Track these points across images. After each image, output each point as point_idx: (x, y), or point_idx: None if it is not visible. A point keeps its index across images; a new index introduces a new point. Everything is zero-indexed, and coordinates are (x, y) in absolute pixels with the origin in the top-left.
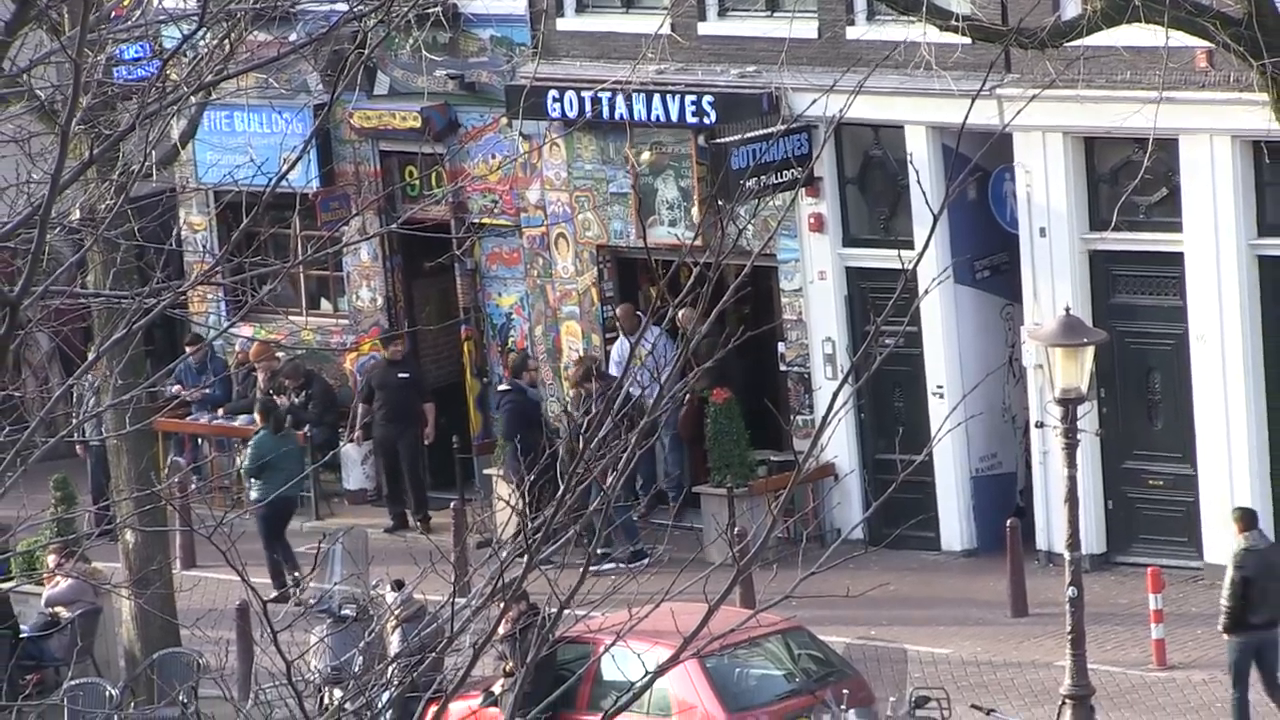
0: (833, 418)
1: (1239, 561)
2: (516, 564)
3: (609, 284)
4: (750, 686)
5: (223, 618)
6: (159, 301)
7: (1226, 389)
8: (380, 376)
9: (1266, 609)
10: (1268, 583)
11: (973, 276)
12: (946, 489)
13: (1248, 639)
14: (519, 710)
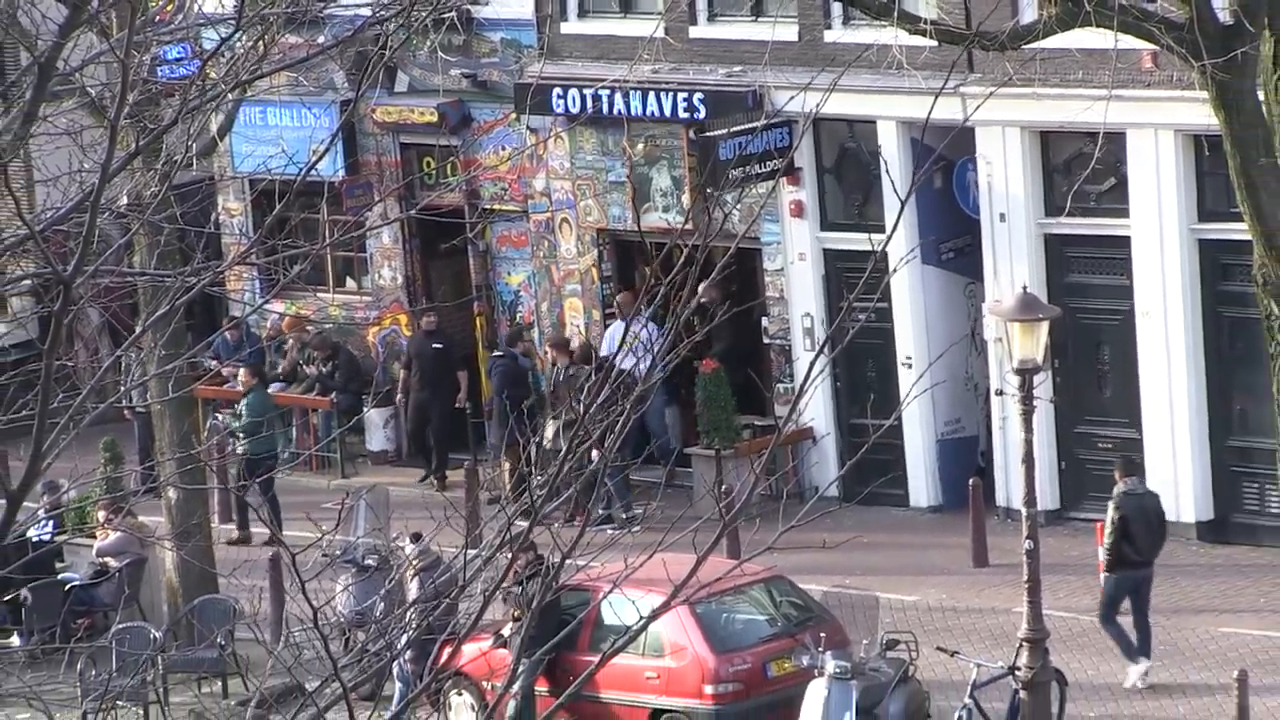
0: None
1: (1118, 504)
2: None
3: (608, 264)
4: (736, 630)
5: (256, 568)
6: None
7: (1169, 360)
8: (416, 346)
9: (1142, 548)
10: (1142, 523)
11: (938, 257)
12: (914, 451)
13: (1125, 575)
14: (525, 651)
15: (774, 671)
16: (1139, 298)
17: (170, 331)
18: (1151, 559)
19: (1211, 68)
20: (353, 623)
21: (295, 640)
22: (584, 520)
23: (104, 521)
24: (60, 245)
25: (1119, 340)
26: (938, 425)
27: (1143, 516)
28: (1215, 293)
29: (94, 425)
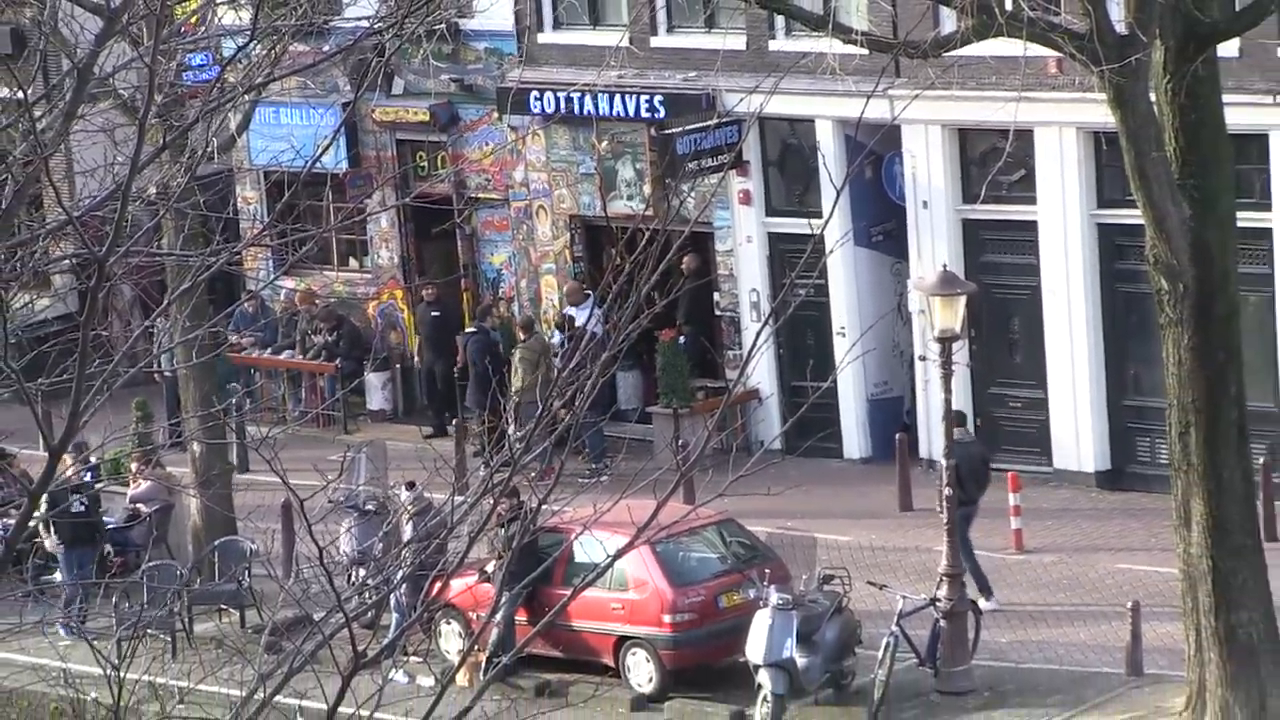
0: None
1: (953, 454)
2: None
3: (579, 246)
4: (691, 567)
5: (269, 513)
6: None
7: (1071, 330)
8: (420, 314)
9: (969, 488)
10: (968, 468)
11: (869, 240)
12: (847, 409)
13: (964, 514)
14: (506, 585)
15: (724, 603)
16: (1045, 275)
17: (194, 304)
18: (976, 499)
19: (1109, 73)
20: (354, 561)
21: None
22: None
23: (136, 472)
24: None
25: (1027, 312)
26: (868, 387)
27: (969, 463)
28: (1113, 271)
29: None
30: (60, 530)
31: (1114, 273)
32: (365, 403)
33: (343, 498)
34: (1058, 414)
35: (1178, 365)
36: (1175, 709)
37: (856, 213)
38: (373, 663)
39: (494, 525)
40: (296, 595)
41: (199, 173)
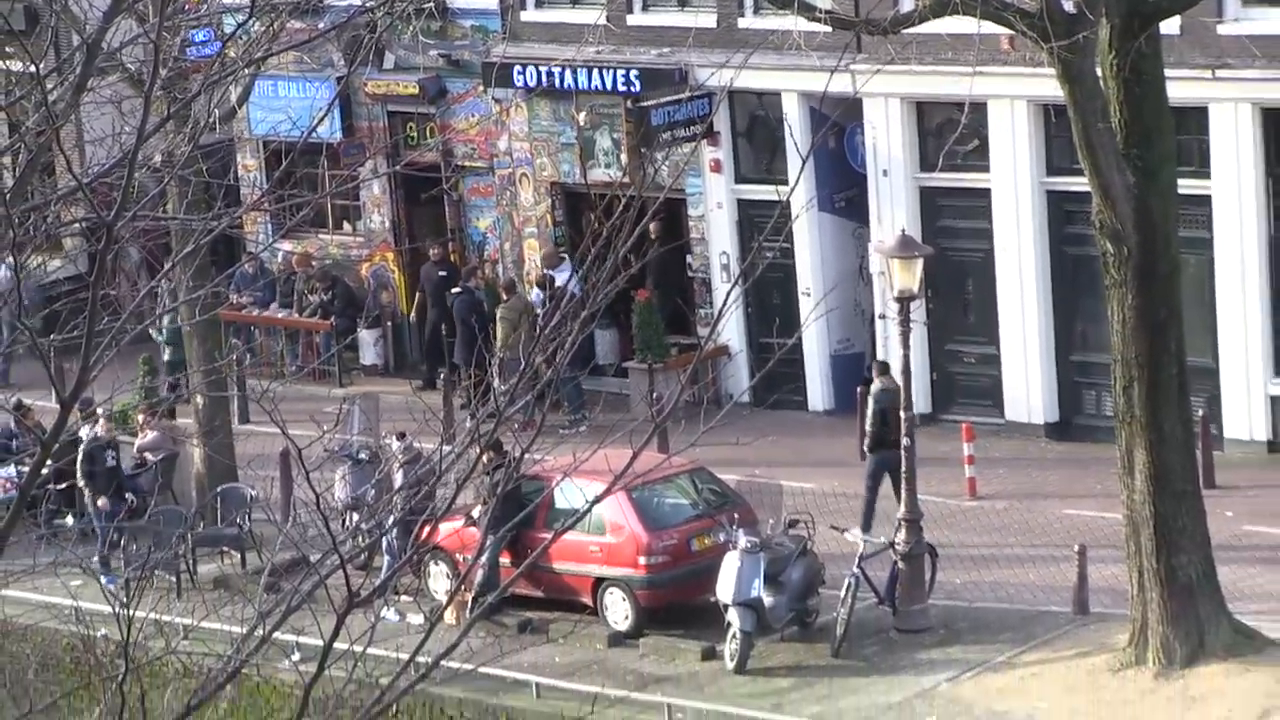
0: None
1: (877, 399)
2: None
3: (559, 211)
4: (664, 512)
5: (268, 461)
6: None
7: (1022, 290)
8: (426, 272)
9: (896, 433)
10: (895, 414)
11: (832, 206)
12: (812, 364)
13: (883, 456)
14: (491, 529)
15: (696, 546)
16: (998, 239)
17: (197, 266)
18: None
19: (1058, 49)
20: (348, 506)
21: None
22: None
23: (143, 423)
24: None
25: (981, 274)
26: (831, 344)
27: (893, 409)
28: (1061, 235)
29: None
30: (95, 482)
31: (1062, 237)
32: (358, 358)
33: (337, 447)
34: (1009, 369)
35: (1122, 323)
36: (1119, 645)
37: (820, 180)
38: (365, 602)
39: (479, 473)
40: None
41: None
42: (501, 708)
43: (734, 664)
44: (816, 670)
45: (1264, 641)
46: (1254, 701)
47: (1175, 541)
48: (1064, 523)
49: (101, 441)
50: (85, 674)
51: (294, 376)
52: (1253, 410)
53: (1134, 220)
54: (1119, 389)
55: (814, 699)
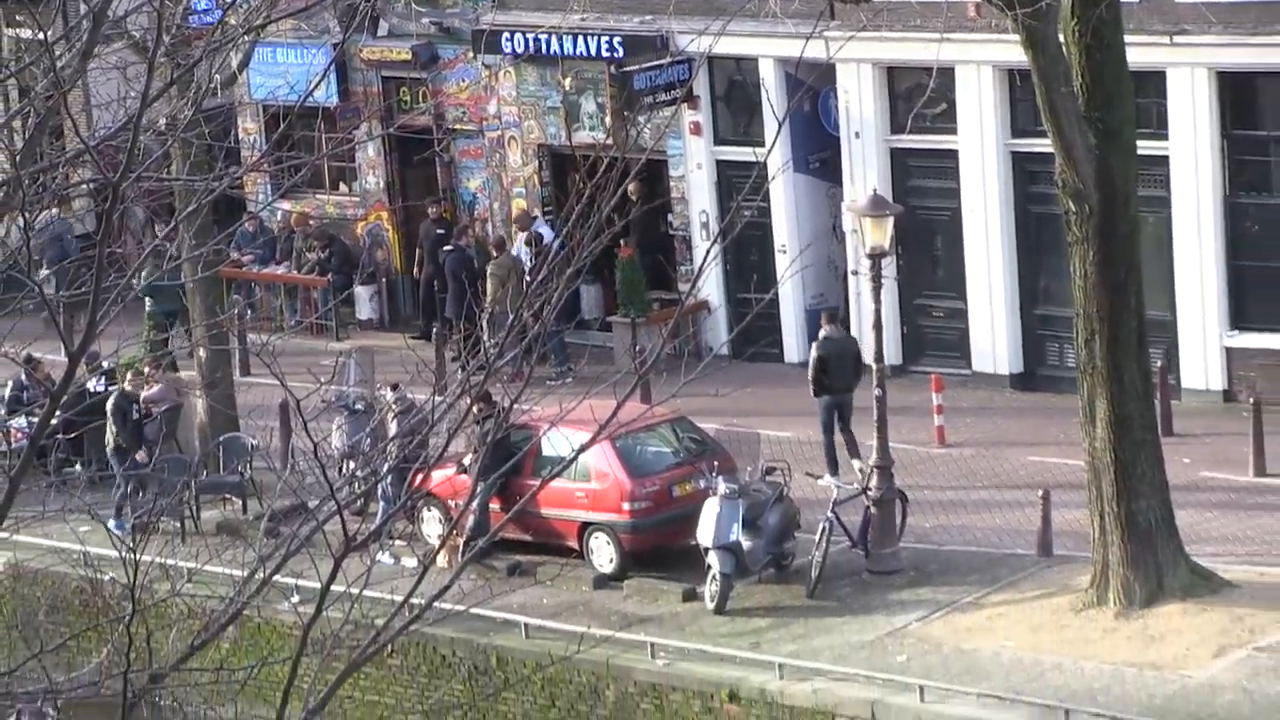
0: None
1: (819, 346)
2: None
3: (545, 172)
4: (647, 460)
5: (268, 411)
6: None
7: (988, 247)
8: (424, 230)
9: (840, 379)
10: (838, 361)
11: (807, 166)
12: (788, 318)
13: (830, 400)
14: (482, 477)
15: (677, 492)
16: (965, 198)
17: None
18: (846, 388)
19: (1022, 16)
20: (345, 455)
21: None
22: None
23: (148, 375)
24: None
25: (949, 231)
26: (806, 298)
27: (839, 357)
28: (1025, 194)
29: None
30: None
31: (1026, 196)
32: (354, 313)
33: (334, 398)
34: (976, 322)
35: (1083, 278)
36: (1081, 586)
37: (796, 142)
38: (361, 546)
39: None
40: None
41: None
42: (492, 647)
43: (714, 605)
44: (792, 610)
45: (1220, 582)
46: (1210, 640)
47: (1135, 487)
48: (1028, 469)
49: (132, 397)
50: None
51: (292, 331)
52: (1209, 361)
53: (1095, 180)
54: (1081, 341)
55: (790, 638)
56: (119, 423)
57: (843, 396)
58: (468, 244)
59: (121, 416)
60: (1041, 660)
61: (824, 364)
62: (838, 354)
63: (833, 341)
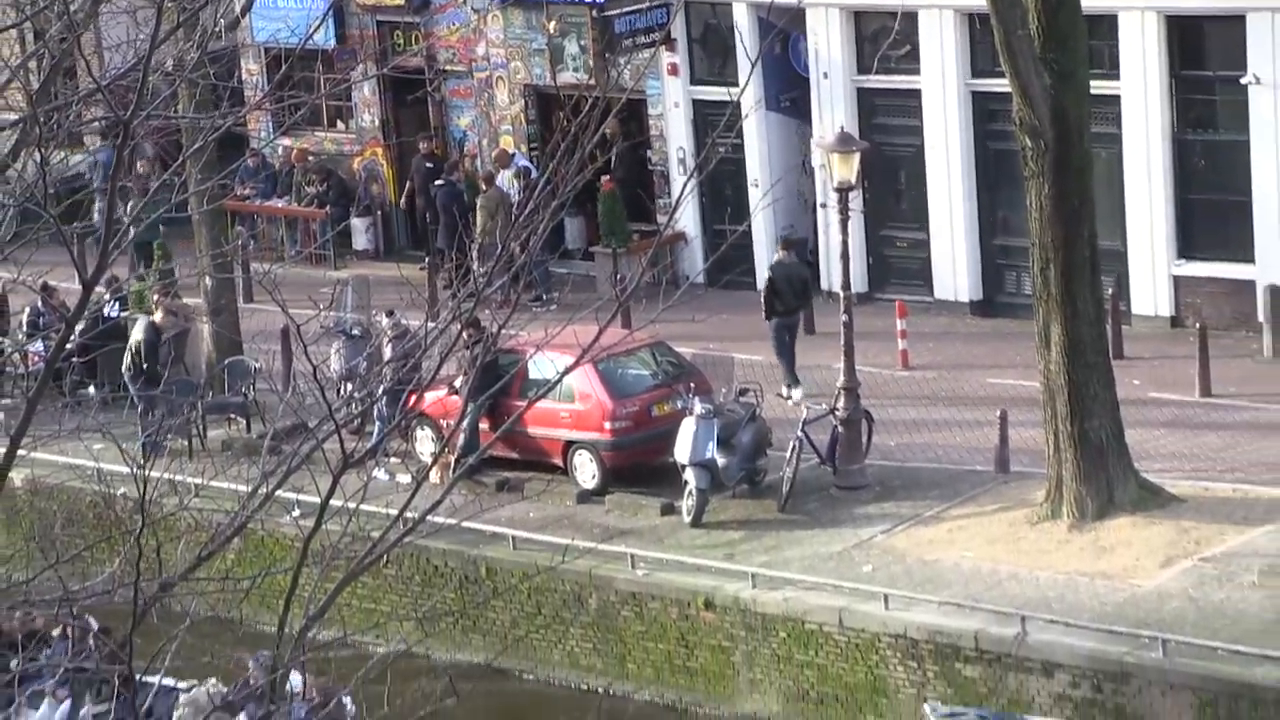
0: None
1: (771, 270)
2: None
3: (532, 111)
4: (627, 382)
5: (270, 336)
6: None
7: (949, 181)
8: (417, 165)
9: (790, 302)
10: (788, 285)
11: (778, 105)
12: (760, 248)
13: (781, 322)
14: (472, 398)
15: (656, 412)
16: (927, 135)
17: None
18: (795, 310)
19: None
20: (343, 377)
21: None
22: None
23: (157, 303)
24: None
25: (912, 167)
26: (777, 230)
27: (788, 282)
28: (984, 131)
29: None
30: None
31: (985, 133)
32: (351, 244)
33: (332, 324)
34: (938, 252)
35: (1039, 211)
36: (1036, 500)
37: (767, 83)
38: (359, 463)
39: (460, 347)
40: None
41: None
42: (481, 558)
43: (690, 518)
44: (764, 524)
45: (1167, 497)
46: (1158, 550)
47: (1087, 407)
48: (987, 391)
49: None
50: (106, 528)
51: (293, 260)
52: (1157, 289)
53: (1050, 118)
54: (1036, 270)
55: (762, 549)
56: (150, 355)
57: (793, 318)
58: (458, 179)
59: (152, 349)
60: (999, 570)
61: (774, 286)
62: (787, 278)
63: (784, 266)
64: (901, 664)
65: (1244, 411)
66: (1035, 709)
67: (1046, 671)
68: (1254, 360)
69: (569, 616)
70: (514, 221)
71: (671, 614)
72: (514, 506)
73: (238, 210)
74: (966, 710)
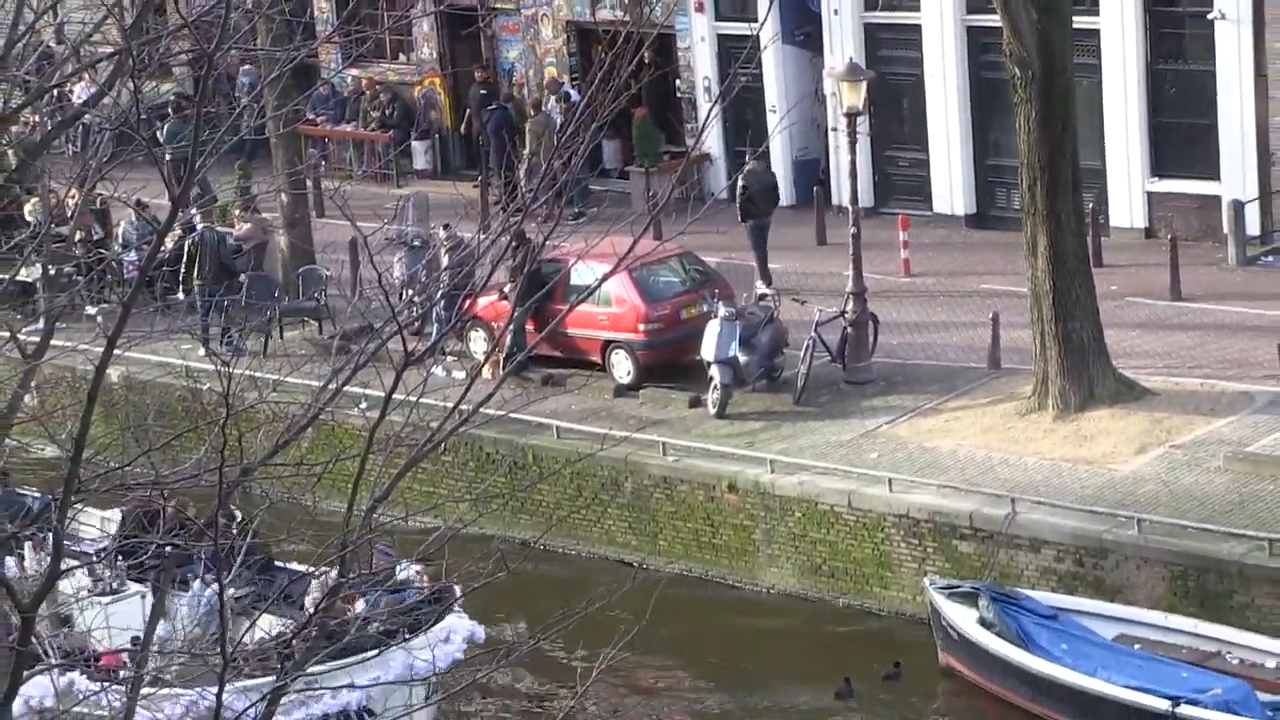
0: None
1: (744, 178)
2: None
3: (573, 45)
4: (659, 288)
5: (340, 247)
6: (299, 54)
7: (947, 107)
8: (471, 92)
9: (762, 205)
10: (760, 190)
11: (794, 39)
12: (777, 168)
13: (755, 223)
14: (519, 302)
15: (684, 315)
16: (927, 66)
17: (281, 88)
18: (767, 212)
19: None
20: (404, 283)
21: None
22: (556, 216)
23: (239, 217)
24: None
25: (913, 94)
26: (793, 151)
27: (762, 189)
28: (978, 62)
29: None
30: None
31: (979, 64)
32: (411, 164)
33: (395, 235)
34: (936, 171)
35: (1027, 134)
36: (1025, 394)
37: (784, 18)
38: (418, 361)
39: (509, 256)
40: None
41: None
42: (528, 446)
43: (715, 410)
44: (781, 415)
45: (1142, 390)
46: (1133, 438)
47: (1070, 310)
48: (980, 295)
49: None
50: (193, 419)
51: (359, 179)
52: (1133, 203)
53: (1037, 50)
54: (1024, 186)
55: (779, 438)
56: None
57: (764, 220)
58: (508, 105)
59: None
60: (991, 456)
61: (749, 192)
62: (759, 184)
63: (755, 174)
64: (904, 541)
65: (1210, 314)
66: (1024, 582)
67: (1034, 548)
68: (1219, 268)
69: (607, 498)
70: (558, 143)
71: (698, 496)
72: (557, 399)
73: (310, 134)
74: (962, 583)
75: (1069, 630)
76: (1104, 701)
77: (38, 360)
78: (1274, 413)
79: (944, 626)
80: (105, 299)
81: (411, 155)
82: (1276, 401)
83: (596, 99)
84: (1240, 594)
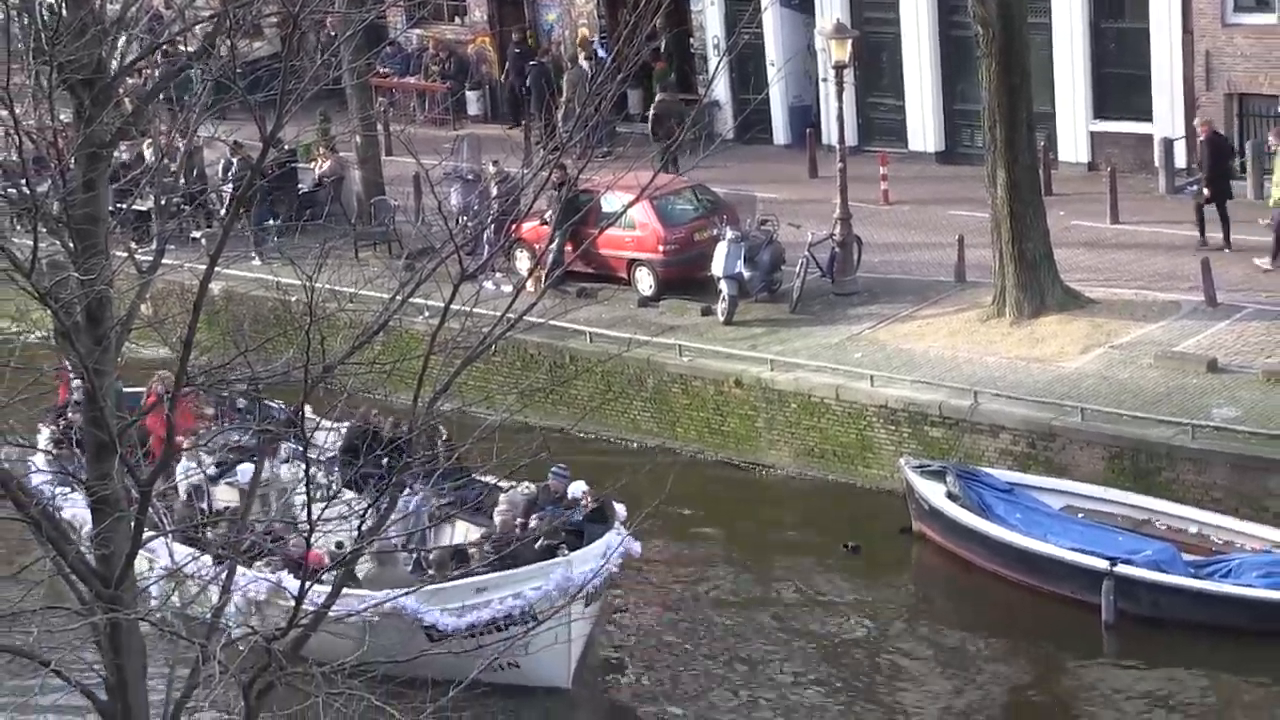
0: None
1: (655, 106)
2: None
3: (602, 8)
4: (676, 214)
5: (406, 181)
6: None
7: (920, 59)
8: (509, 50)
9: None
10: (667, 116)
11: (790, 3)
12: (776, 112)
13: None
14: (557, 227)
15: (697, 237)
16: (904, 25)
17: (355, 46)
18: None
19: None
20: (460, 210)
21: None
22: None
23: (320, 155)
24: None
25: (892, 48)
26: (789, 98)
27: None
28: (948, 22)
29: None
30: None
31: (949, 24)
32: (466, 110)
33: (451, 170)
34: (911, 114)
35: (989, 82)
36: (985, 303)
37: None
38: (472, 276)
39: (549, 187)
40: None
41: None
42: (565, 348)
43: (724, 318)
44: (780, 322)
45: (1085, 300)
46: (1078, 340)
47: (1024, 232)
48: (949, 220)
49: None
50: (283, 325)
51: (421, 123)
52: (1078, 141)
53: (997, 12)
54: (986, 127)
55: (778, 341)
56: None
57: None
58: (547, 60)
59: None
60: (957, 356)
61: (658, 117)
62: (666, 111)
63: (664, 103)
64: (883, 428)
65: (1144, 235)
66: (985, 461)
67: (993, 433)
68: (1151, 196)
69: (632, 393)
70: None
71: (709, 390)
72: (590, 309)
73: (380, 85)
74: (932, 462)
75: (1022, 502)
76: (1053, 561)
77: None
78: (1197, 318)
79: (917, 499)
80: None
81: (465, 103)
82: (1199, 309)
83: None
84: (1167, 471)
